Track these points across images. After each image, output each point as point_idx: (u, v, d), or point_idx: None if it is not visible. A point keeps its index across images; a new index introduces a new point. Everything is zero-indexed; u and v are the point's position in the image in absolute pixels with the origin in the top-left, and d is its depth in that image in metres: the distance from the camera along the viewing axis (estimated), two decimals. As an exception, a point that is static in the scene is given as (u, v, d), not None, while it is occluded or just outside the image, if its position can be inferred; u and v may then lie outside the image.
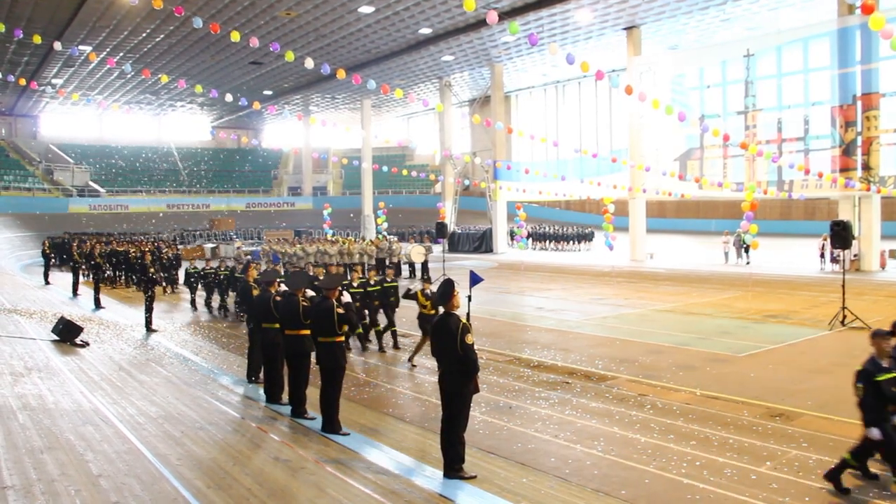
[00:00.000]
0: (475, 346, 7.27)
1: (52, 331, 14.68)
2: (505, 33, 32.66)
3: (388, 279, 15.74)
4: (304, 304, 9.23)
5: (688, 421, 9.06)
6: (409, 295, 14.26)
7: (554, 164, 40.28)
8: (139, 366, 12.47)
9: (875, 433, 6.58)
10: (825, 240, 25.10)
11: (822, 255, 26.88)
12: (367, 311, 14.53)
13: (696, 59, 32.61)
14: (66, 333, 14.36)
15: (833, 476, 6.83)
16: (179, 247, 33.50)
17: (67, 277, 24.93)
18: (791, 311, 17.72)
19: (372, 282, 14.83)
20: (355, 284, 14.46)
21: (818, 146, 27.41)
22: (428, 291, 12.81)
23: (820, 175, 24.56)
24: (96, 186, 53.32)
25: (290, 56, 18.29)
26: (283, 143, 63.96)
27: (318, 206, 53.87)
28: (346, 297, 8.98)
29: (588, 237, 40.53)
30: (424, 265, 27.16)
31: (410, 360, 12.89)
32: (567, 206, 53.91)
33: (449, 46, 35.82)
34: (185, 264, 26.07)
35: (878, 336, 6.98)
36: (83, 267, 25.17)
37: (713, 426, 8.83)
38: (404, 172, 36.58)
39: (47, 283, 26.04)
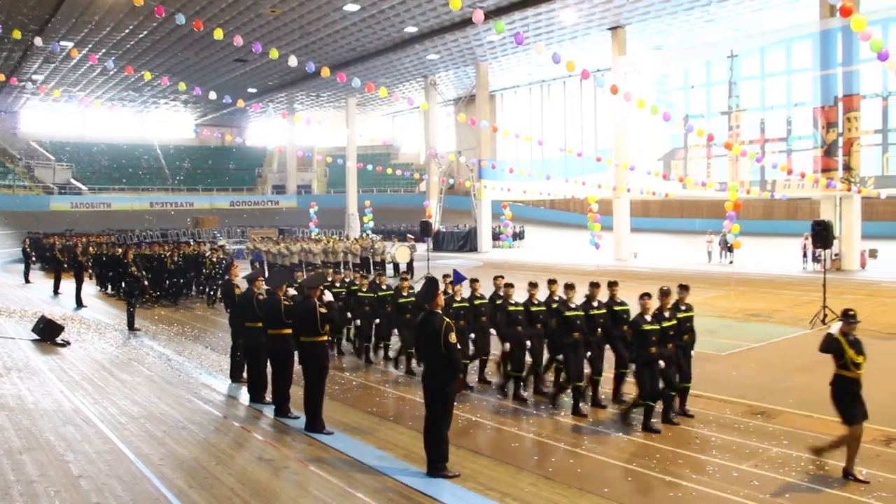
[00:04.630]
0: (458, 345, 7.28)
1: (33, 330, 14.54)
2: (490, 32, 32.67)
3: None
4: (286, 302, 9.21)
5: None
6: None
7: (539, 164, 40.37)
8: (121, 365, 12.39)
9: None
10: (807, 239, 25.28)
11: (804, 255, 27.08)
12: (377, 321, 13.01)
13: (681, 60, 32.77)
14: (47, 332, 14.23)
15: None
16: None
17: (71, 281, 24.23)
18: (773, 310, 17.85)
19: (384, 286, 13.27)
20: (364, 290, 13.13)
21: (800, 147, 27.61)
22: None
23: (802, 175, 24.73)
24: (78, 184, 52.86)
25: (274, 54, 18.18)
26: (268, 142, 63.62)
27: (302, 204, 53.66)
28: (328, 297, 8.95)
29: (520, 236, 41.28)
30: (409, 264, 27.14)
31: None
32: (552, 206, 53.98)
33: (434, 45, 35.78)
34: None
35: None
36: (65, 265, 24.86)
37: (695, 424, 8.88)
38: (389, 171, 36.51)
39: (27, 281, 25.80)
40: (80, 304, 19.98)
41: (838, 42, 25.79)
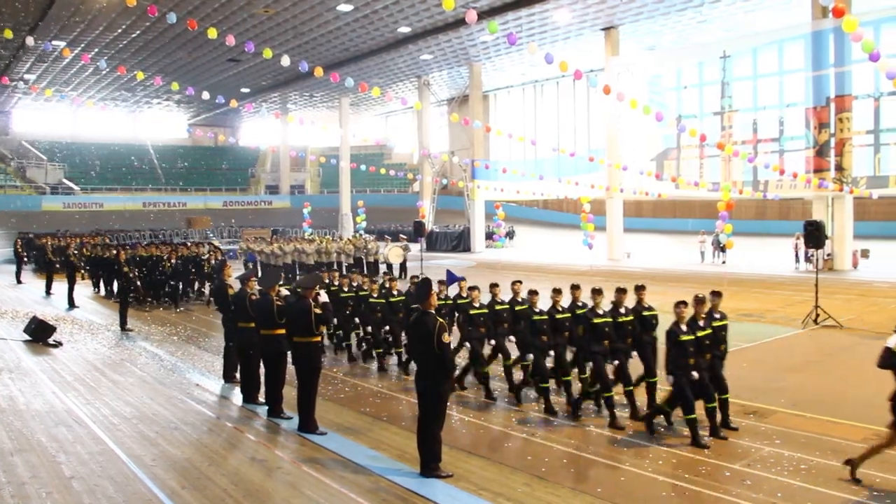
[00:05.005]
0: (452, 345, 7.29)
1: (24, 330, 14.51)
2: (484, 32, 32.67)
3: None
4: (278, 303, 9.20)
5: (662, 419, 9.12)
6: None
7: (532, 164, 40.41)
8: (113, 366, 12.36)
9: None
10: (799, 239, 25.36)
11: (796, 255, 27.17)
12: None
13: (674, 60, 32.85)
14: (39, 333, 14.20)
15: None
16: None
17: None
18: (765, 310, 17.90)
19: (395, 291, 12.54)
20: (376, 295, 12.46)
21: (793, 147, 27.71)
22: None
23: (794, 175, 24.82)
24: (70, 184, 52.64)
25: (267, 53, 18.18)
26: (261, 142, 63.47)
27: (295, 204, 53.54)
28: (324, 297, 8.95)
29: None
30: (402, 265, 27.13)
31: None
32: (545, 206, 54.06)
33: (428, 45, 35.77)
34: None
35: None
36: (57, 265, 24.72)
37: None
38: (382, 171, 36.45)
39: (19, 282, 25.71)
40: (72, 304, 19.92)
41: (830, 43, 25.89)
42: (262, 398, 9.73)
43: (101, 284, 23.63)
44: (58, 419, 8.86)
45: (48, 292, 22.62)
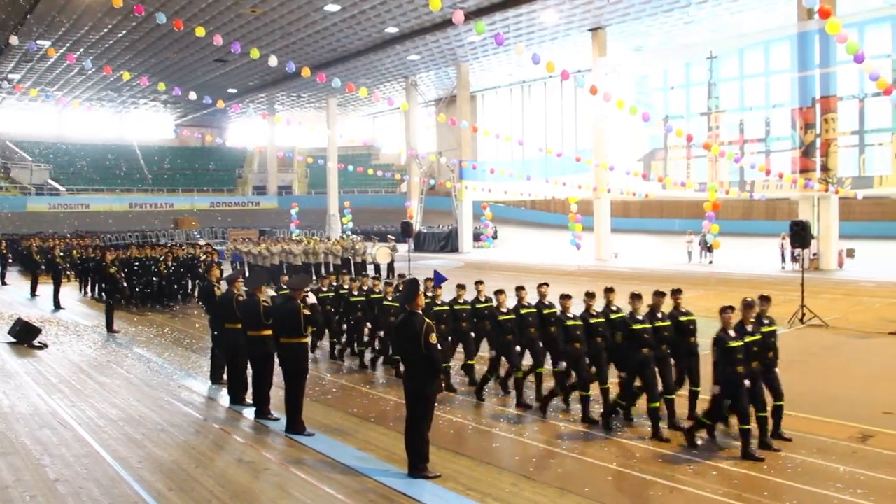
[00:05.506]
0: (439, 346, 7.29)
1: (9, 332, 14.41)
2: (471, 33, 32.70)
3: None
4: (265, 304, 9.17)
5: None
6: None
7: (519, 164, 40.45)
8: (99, 367, 12.29)
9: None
10: (785, 239, 25.52)
11: (783, 255, 27.33)
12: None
13: (661, 61, 32.98)
14: (24, 335, 14.10)
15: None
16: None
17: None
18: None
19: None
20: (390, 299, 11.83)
21: (779, 147, 27.88)
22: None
23: (780, 176, 24.97)
24: (56, 185, 52.33)
25: (255, 54, 18.12)
26: (248, 142, 63.31)
27: (283, 205, 53.44)
28: (312, 299, 8.93)
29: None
30: (390, 265, 27.10)
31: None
32: (532, 206, 54.15)
33: (415, 46, 35.78)
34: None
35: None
36: (42, 267, 24.53)
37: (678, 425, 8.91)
38: (370, 172, 36.44)
39: (3, 283, 25.52)
40: (57, 306, 19.78)
41: (815, 44, 26.07)
42: (249, 399, 9.70)
43: (89, 287, 23.14)
44: (42, 422, 8.80)
45: (33, 294, 22.45)
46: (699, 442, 8.04)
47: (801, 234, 16.71)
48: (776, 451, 7.77)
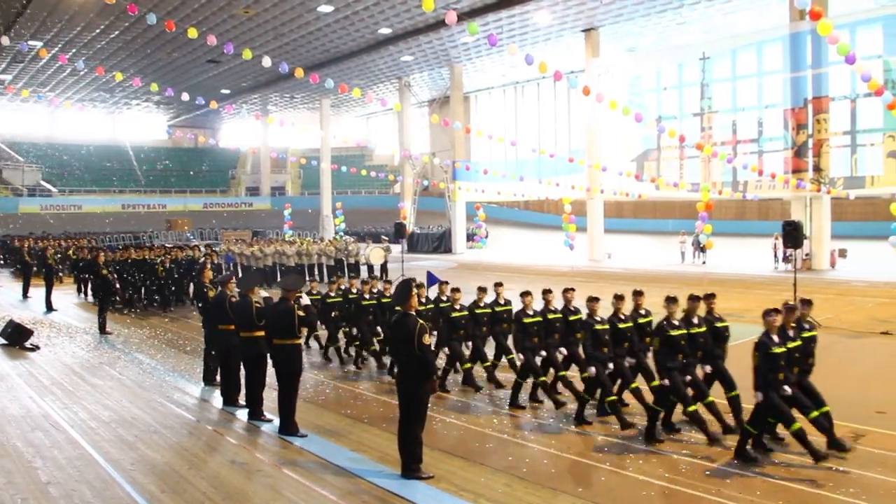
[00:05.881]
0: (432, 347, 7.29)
1: (1, 334, 14.35)
2: (464, 34, 32.72)
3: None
4: (258, 304, 9.16)
5: (643, 419, 9.15)
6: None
7: (513, 165, 40.45)
8: (92, 369, 12.25)
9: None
10: (777, 239, 25.59)
11: (775, 255, 27.40)
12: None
13: (653, 62, 33.05)
14: (16, 337, 14.05)
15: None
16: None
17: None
18: (745, 310, 18.00)
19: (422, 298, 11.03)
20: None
21: (771, 148, 27.96)
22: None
23: (773, 176, 25.04)
24: (48, 186, 52.16)
25: (247, 54, 18.09)
26: (241, 143, 63.24)
27: (276, 206, 53.38)
28: (306, 300, 8.92)
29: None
30: (384, 266, 27.07)
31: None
32: (526, 207, 54.19)
33: (408, 46, 35.78)
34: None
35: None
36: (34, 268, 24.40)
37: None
38: (363, 173, 36.41)
39: (-5, 284, 25.44)
40: (49, 307, 19.72)
41: (808, 45, 26.14)
42: (242, 401, 9.69)
43: (85, 288, 22.75)
44: (34, 424, 8.77)
45: (25, 295, 22.37)
46: (754, 456, 7.53)
47: (793, 235, 16.74)
48: (824, 458, 7.31)
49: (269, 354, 8.96)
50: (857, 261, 27.21)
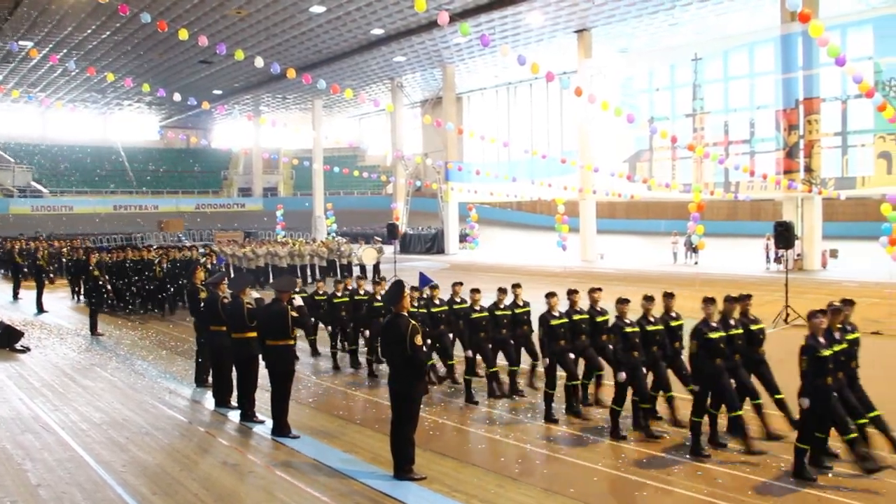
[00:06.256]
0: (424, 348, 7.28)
1: (-9, 336, 14.27)
2: (456, 34, 32.72)
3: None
4: (249, 305, 9.14)
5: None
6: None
7: (505, 166, 40.49)
8: (83, 371, 12.20)
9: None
10: (769, 240, 25.66)
11: (767, 255, 27.48)
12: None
13: (646, 63, 33.11)
14: (6, 338, 13.99)
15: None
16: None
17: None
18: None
19: (436, 301, 11.14)
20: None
21: (763, 149, 28.04)
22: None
23: (764, 177, 25.13)
24: (39, 186, 51.93)
25: (239, 55, 18.05)
26: (233, 144, 63.07)
27: (268, 207, 53.27)
28: (298, 301, 8.91)
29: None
30: (376, 267, 27.05)
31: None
32: (518, 207, 54.22)
33: (401, 47, 35.75)
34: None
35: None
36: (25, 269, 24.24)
37: (660, 424, 8.94)
38: (356, 173, 36.37)
39: (-13, 286, 25.30)
40: (40, 309, 19.63)
41: (799, 46, 26.22)
42: (234, 402, 9.66)
43: (79, 292, 22.17)
44: (24, 426, 8.73)
45: (15, 297, 22.27)
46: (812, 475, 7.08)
47: (784, 235, 16.80)
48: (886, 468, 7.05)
49: (261, 355, 8.95)
50: (847, 261, 27.31)
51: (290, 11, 29.73)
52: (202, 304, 10.65)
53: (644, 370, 8.58)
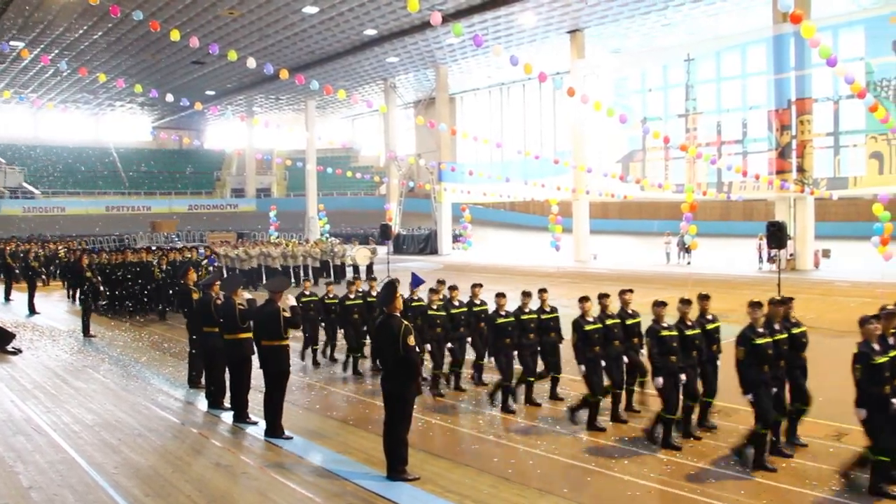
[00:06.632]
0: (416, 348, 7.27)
1: (-17, 337, 14.20)
2: (449, 35, 32.72)
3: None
4: (241, 306, 9.11)
5: (630, 418, 9.19)
6: None
7: (498, 166, 40.53)
8: (75, 372, 12.15)
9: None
10: (762, 240, 25.74)
11: (760, 255, 27.56)
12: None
13: (639, 63, 33.17)
14: (-2, 340, 13.91)
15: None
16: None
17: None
18: (729, 310, 18.05)
19: (455, 302, 11.06)
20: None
21: (755, 149, 28.13)
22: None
23: (757, 177, 25.20)
24: (30, 188, 51.70)
25: (232, 55, 18.02)
26: (226, 145, 62.96)
27: (261, 207, 53.16)
28: (292, 301, 8.88)
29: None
30: (370, 267, 27.06)
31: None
32: (512, 208, 54.26)
33: (394, 48, 35.75)
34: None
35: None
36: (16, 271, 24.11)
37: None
38: (349, 174, 36.34)
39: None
40: (32, 310, 19.55)
41: (791, 47, 26.33)
42: (227, 403, 9.63)
43: (74, 293, 21.76)
44: (16, 428, 8.68)
45: (7, 298, 22.18)
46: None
47: (777, 235, 16.86)
48: None
49: (254, 356, 8.93)
50: (840, 261, 27.41)
51: (283, 12, 29.70)
52: (195, 306, 10.63)
53: (682, 376, 8.14)
